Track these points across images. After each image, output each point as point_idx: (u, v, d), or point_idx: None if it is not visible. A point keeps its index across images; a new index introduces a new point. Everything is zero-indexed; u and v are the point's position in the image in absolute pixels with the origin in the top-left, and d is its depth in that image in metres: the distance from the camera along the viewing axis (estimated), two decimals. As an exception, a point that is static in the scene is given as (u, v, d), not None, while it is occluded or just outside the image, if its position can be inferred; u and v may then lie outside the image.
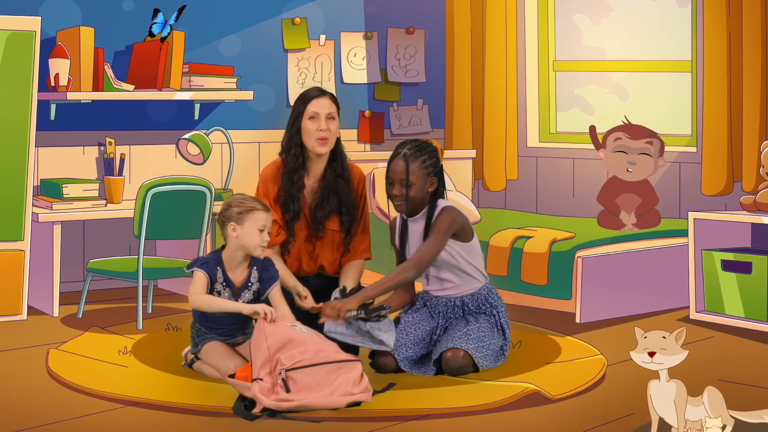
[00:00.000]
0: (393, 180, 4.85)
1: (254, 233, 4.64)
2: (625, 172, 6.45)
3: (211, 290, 4.66)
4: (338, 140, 5.07)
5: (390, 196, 4.88)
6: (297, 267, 5.02)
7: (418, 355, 4.84)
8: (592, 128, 6.49)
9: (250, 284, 4.72)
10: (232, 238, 4.66)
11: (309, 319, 4.72)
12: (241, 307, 4.58)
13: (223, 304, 4.62)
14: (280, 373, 4.17)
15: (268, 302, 4.67)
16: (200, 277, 4.64)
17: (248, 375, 4.28)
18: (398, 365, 4.75)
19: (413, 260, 4.80)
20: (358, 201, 5.10)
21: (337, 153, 5.07)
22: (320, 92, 5.06)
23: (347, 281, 4.96)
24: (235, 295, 4.68)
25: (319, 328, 4.63)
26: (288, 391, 4.15)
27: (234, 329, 4.73)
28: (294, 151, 5.01)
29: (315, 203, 5.02)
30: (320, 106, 4.99)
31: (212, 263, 4.67)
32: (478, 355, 4.73)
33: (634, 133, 6.41)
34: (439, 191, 4.92)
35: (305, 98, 5.04)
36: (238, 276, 4.70)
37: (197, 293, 4.62)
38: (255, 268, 4.72)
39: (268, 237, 4.66)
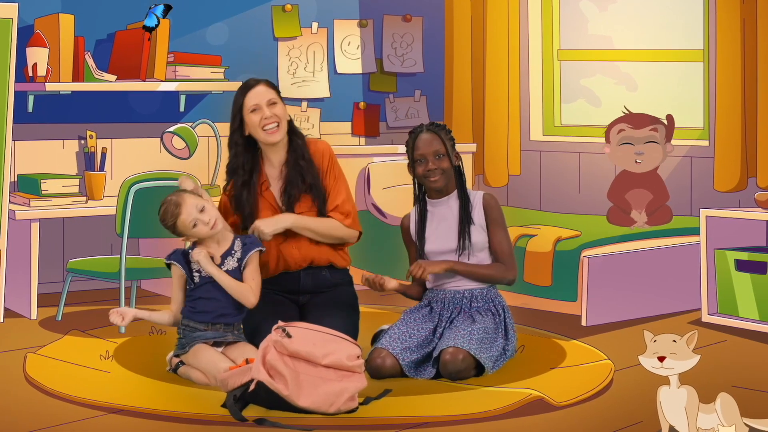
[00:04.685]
0: (425, 155, 4.99)
1: (198, 231, 4.77)
2: (634, 163, 6.47)
3: (189, 270, 4.79)
4: (290, 122, 5.12)
5: (423, 175, 5.01)
6: (276, 262, 5.03)
7: (421, 356, 4.88)
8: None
9: (233, 252, 4.82)
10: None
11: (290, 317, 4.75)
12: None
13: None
14: (281, 328, 4.30)
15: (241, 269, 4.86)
16: (173, 272, 4.84)
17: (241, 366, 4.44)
18: (393, 370, 4.76)
19: (510, 266, 5.04)
20: (323, 176, 5.10)
21: (294, 135, 5.11)
22: (253, 83, 5.09)
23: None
24: (218, 264, 4.78)
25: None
26: (289, 336, 4.25)
27: (224, 314, 4.76)
28: (235, 150, 5.08)
29: (282, 188, 5.06)
30: (258, 96, 5.03)
31: (182, 250, 4.86)
32: (484, 356, 4.75)
33: (637, 122, 6.42)
34: (461, 170, 5.08)
35: (241, 93, 5.08)
36: (216, 249, 4.83)
37: (171, 302, 4.86)
38: (238, 238, 4.87)
39: (206, 217, 4.75)
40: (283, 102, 5.09)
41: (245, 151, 5.07)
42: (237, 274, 4.81)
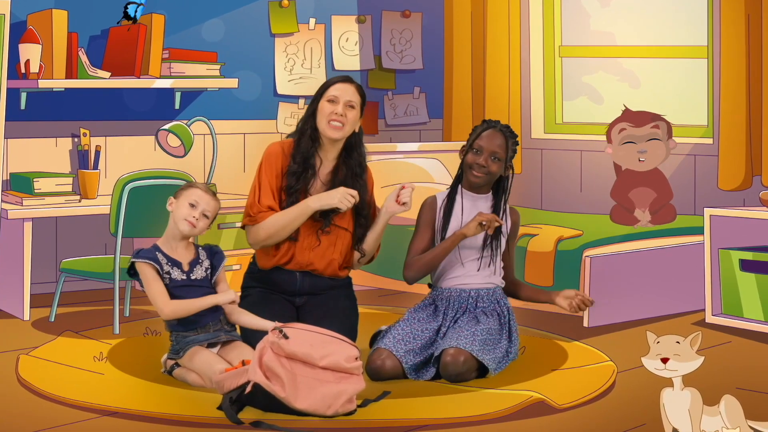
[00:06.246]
0: (482, 149, 5.02)
1: (184, 206, 4.79)
2: (638, 162, 6.46)
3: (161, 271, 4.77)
4: (359, 137, 5.10)
5: (469, 165, 5.04)
6: (289, 258, 5.02)
7: (424, 358, 4.88)
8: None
9: (200, 260, 4.83)
10: (171, 216, 4.83)
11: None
12: (216, 299, 4.74)
13: (197, 303, 4.73)
14: (278, 329, 4.29)
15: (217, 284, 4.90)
16: (149, 271, 4.73)
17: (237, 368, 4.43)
18: (393, 372, 4.76)
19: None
20: (372, 203, 5.13)
21: (354, 150, 5.09)
22: (346, 79, 5.10)
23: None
24: (186, 271, 4.78)
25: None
26: (287, 337, 4.24)
27: (203, 314, 4.75)
28: (310, 133, 5.03)
29: None
30: (342, 91, 5.02)
31: (151, 249, 4.79)
32: (487, 358, 4.75)
33: (638, 120, 6.43)
34: (509, 182, 5.12)
35: (329, 81, 5.10)
36: (182, 255, 4.82)
37: (161, 299, 4.71)
38: (200, 248, 4.89)
39: (198, 216, 4.78)
40: (361, 114, 5.07)
41: (317, 139, 5.05)
42: (207, 282, 4.82)
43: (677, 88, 7.11)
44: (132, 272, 4.81)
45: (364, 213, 5.08)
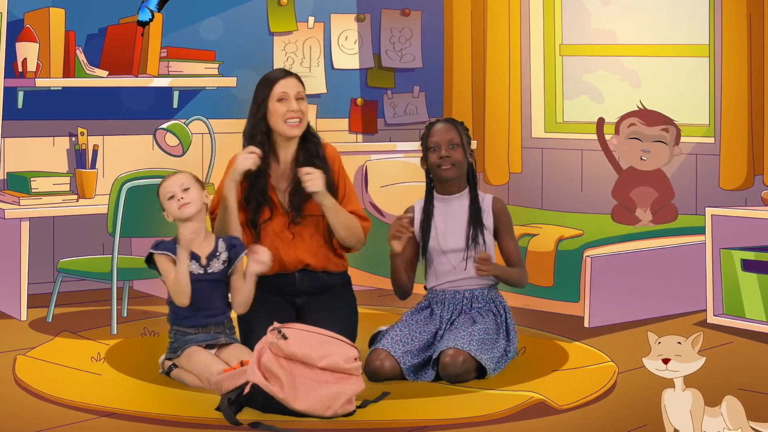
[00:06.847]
0: (438, 143, 5.03)
1: (170, 206, 4.80)
2: (639, 160, 6.47)
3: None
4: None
5: (436, 164, 5.04)
6: (277, 263, 5.02)
7: (422, 360, 4.87)
8: (600, 121, 6.50)
9: (218, 253, 4.82)
10: (175, 223, 4.84)
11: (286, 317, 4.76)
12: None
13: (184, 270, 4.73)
14: (277, 329, 4.29)
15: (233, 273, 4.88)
16: (166, 263, 4.75)
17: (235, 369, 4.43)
18: (392, 372, 4.76)
19: (525, 270, 5.19)
20: (336, 179, 5.11)
21: (308, 133, 5.10)
22: (285, 73, 5.10)
23: None
24: (203, 265, 4.78)
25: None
26: (285, 338, 4.24)
27: (210, 315, 4.75)
28: (260, 138, 5.03)
29: (291, 188, 5.02)
30: (288, 87, 5.03)
31: (170, 243, 4.79)
32: (485, 357, 4.75)
33: (650, 119, 6.43)
34: (474, 169, 5.09)
35: (270, 80, 5.07)
36: (201, 248, 4.80)
37: (186, 281, 4.71)
38: (221, 239, 4.86)
39: (181, 196, 4.78)
40: (306, 99, 5.09)
41: (267, 141, 5.04)
42: (222, 275, 4.81)
43: (678, 86, 7.10)
44: (149, 263, 4.83)
45: (330, 190, 5.05)
